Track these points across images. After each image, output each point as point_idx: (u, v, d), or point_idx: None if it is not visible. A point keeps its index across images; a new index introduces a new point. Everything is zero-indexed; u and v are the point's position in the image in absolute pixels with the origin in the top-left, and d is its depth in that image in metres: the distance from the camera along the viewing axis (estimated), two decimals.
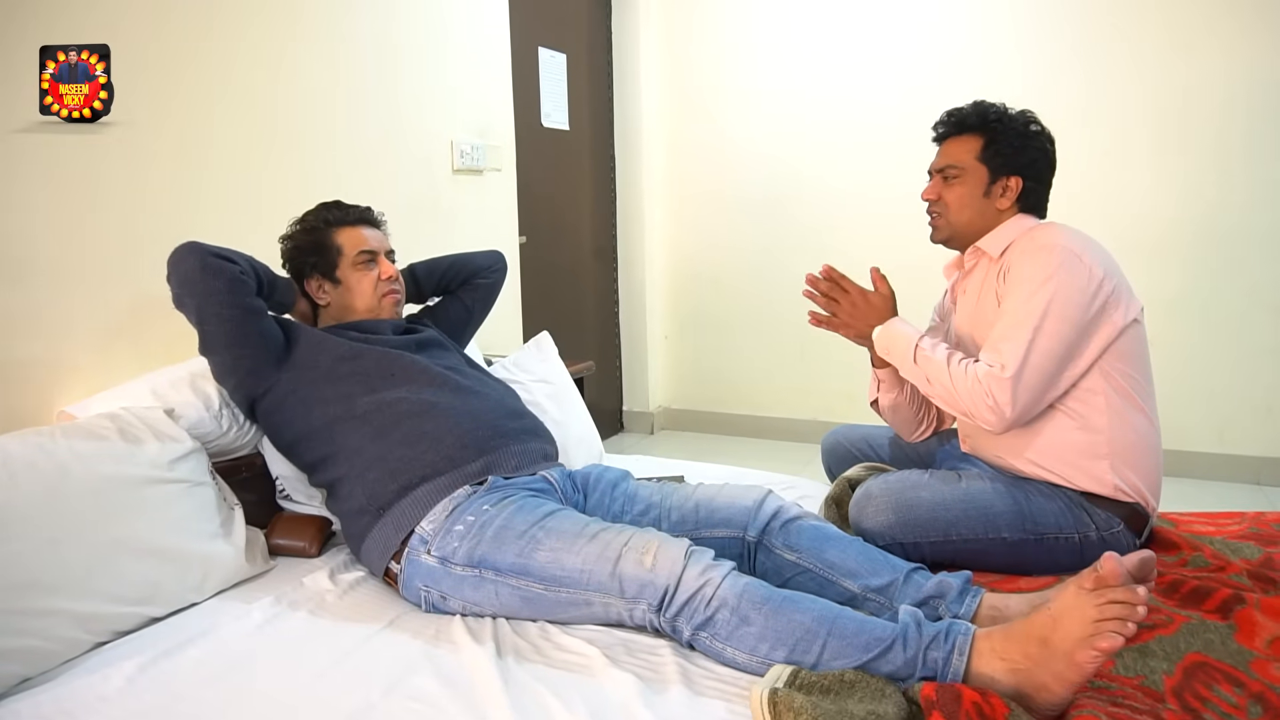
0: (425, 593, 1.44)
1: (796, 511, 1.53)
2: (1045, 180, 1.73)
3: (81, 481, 1.37)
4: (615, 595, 1.31)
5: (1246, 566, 1.50)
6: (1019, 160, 1.68)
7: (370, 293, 1.82)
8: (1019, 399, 1.52)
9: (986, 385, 1.53)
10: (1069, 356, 1.55)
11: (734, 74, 3.85)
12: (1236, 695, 1.15)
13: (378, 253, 1.84)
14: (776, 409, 3.93)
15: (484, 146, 2.83)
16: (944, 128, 1.76)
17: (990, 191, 1.69)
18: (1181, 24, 3.08)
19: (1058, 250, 1.55)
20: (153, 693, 1.20)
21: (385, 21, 2.44)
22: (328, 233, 1.82)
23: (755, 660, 1.21)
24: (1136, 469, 1.59)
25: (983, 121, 1.70)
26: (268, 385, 1.66)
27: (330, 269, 1.81)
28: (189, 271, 1.59)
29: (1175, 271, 3.16)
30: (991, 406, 1.53)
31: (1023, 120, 1.70)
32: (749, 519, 1.51)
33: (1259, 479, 3.14)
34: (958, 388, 1.56)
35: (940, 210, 1.74)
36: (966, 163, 1.70)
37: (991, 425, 1.55)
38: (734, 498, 1.56)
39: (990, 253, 1.68)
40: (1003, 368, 1.52)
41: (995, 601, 1.34)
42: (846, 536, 1.48)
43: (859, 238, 3.63)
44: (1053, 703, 1.11)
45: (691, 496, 1.59)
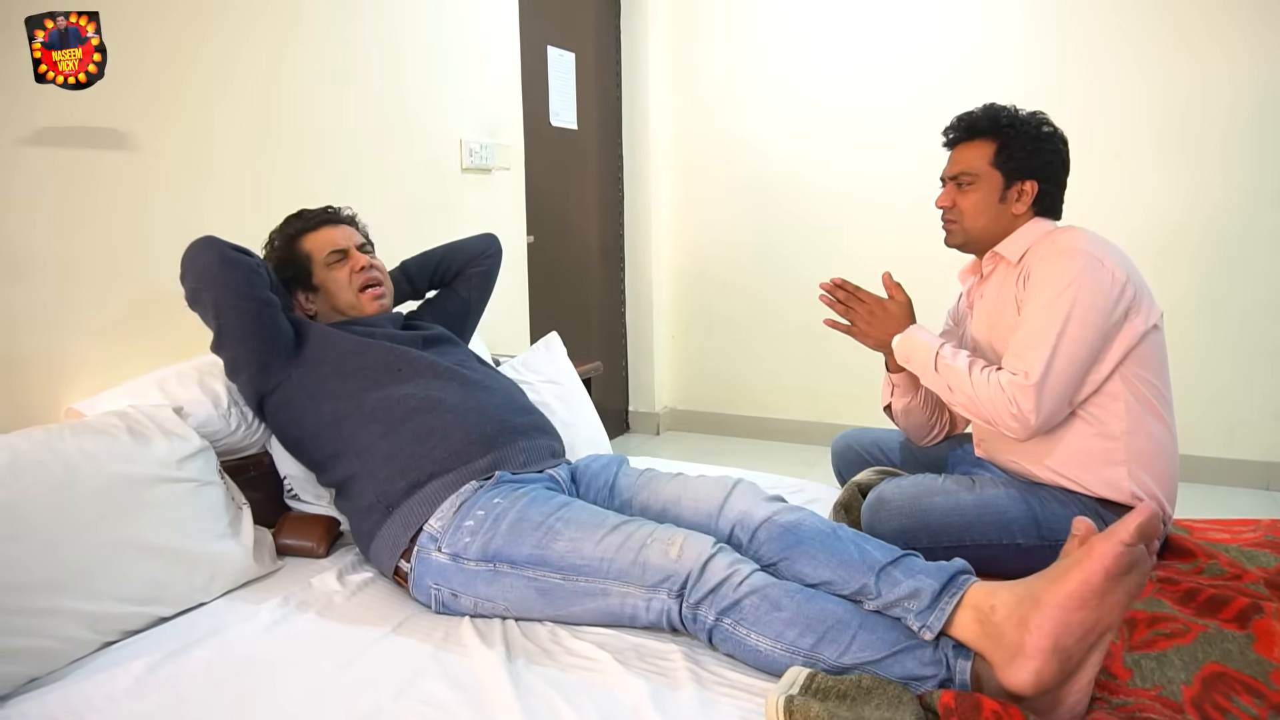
0: (436, 591, 1.43)
1: (764, 512, 1.42)
2: (1060, 182, 1.71)
3: (89, 480, 1.36)
4: (635, 583, 1.30)
5: (1263, 575, 1.49)
6: (1033, 164, 1.66)
7: (347, 286, 1.81)
8: (1043, 406, 1.50)
9: (1010, 393, 1.51)
10: (1092, 361, 1.53)
11: (742, 74, 3.83)
12: (1256, 706, 1.14)
13: (348, 248, 1.82)
14: (783, 410, 3.92)
15: (493, 145, 2.82)
16: (955, 133, 1.73)
17: (1005, 197, 1.67)
18: (1185, 26, 3.07)
19: (1079, 254, 1.54)
20: (160, 694, 1.19)
21: (394, 20, 2.43)
22: (295, 244, 1.82)
23: (779, 648, 1.20)
24: (1153, 476, 1.57)
25: (994, 126, 1.68)
26: (278, 380, 1.65)
27: (307, 278, 1.81)
28: (207, 264, 1.58)
29: (1182, 274, 3.14)
30: (1016, 414, 1.51)
31: (1035, 123, 1.68)
32: (710, 527, 1.45)
33: (1268, 484, 3.13)
34: (980, 396, 1.55)
35: (955, 217, 1.72)
36: (980, 169, 1.68)
37: (1015, 433, 1.53)
38: (699, 502, 1.50)
39: (1009, 258, 1.67)
40: (1026, 375, 1.50)
41: (979, 600, 1.20)
42: (818, 535, 1.35)
43: (867, 238, 3.62)
44: (1055, 695, 1.10)
45: (661, 494, 1.55)
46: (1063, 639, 1.09)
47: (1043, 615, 1.10)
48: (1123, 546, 1.09)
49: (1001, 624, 1.13)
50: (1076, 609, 1.09)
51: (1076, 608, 1.09)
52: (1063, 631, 1.09)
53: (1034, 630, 1.10)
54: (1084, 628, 1.09)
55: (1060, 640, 1.09)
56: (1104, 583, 1.09)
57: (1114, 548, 1.09)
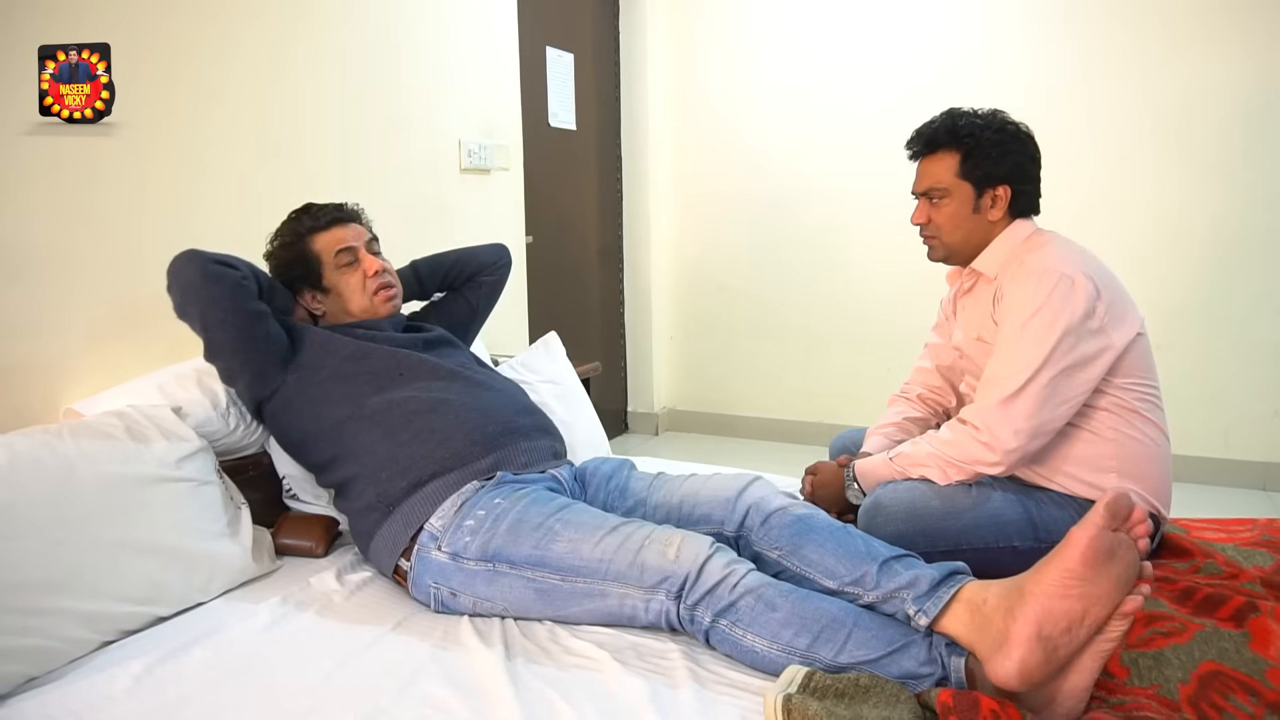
0: (435, 590, 1.43)
1: (779, 503, 1.46)
2: (1033, 178, 1.67)
3: (88, 480, 1.36)
4: (634, 584, 1.30)
5: (1259, 574, 1.49)
6: (1001, 169, 1.62)
7: (361, 292, 1.79)
8: (1013, 423, 1.49)
9: (973, 424, 1.52)
10: (1067, 383, 1.50)
11: (741, 75, 3.84)
12: (1252, 705, 1.14)
13: (357, 248, 1.80)
14: (781, 411, 3.92)
15: (491, 146, 2.82)
16: (916, 145, 1.70)
17: (979, 206, 1.64)
18: (1183, 27, 3.08)
19: (1048, 275, 1.51)
20: (159, 694, 1.19)
21: (393, 21, 2.43)
22: (304, 243, 1.78)
23: (776, 648, 1.20)
24: (1145, 480, 1.57)
25: (955, 137, 1.63)
26: (274, 387, 1.65)
27: (316, 279, 1.78)
28: (190, 280, 1.58)
29: (1179, 276, 3.15)
30: (986, 442, 1.51)
31: (996, 124, 1.63)
32: (727, 514, 1.48)
33: (1265, 484, 3.14)
34: (950, 451, 1.55)
35: (933, 232, 1.69)
36: (948, 181, 1.64)
37: (991, 460, 1.51)
38: (716, 490, 1.52)
39: (986, 274, 1.66)
40: (995, 404, 1.51)
41: (973, 595, 1.22)
42: (828, 528, 1.39)
43: (865, 240, 3.62)
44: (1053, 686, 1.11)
45: (678, 490, 1.57)
46: (1046, 627, 1.09)
47: (1026, 604, 1.11)
48: (1095, 529, 1.10)
49: (990, 615, 1.15)
50: (1059, 597, 1.10)
51: (1059, 596, 1.10)
52: (1045, 619, 1.09)
53: (1019, 619, 1.11)
54: (1069, 617, 1.09)
55: (1043, 628, 1.09)
56: (1083, 568, 1.09)
57: (1087, 531, 1.11)
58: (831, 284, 3.74)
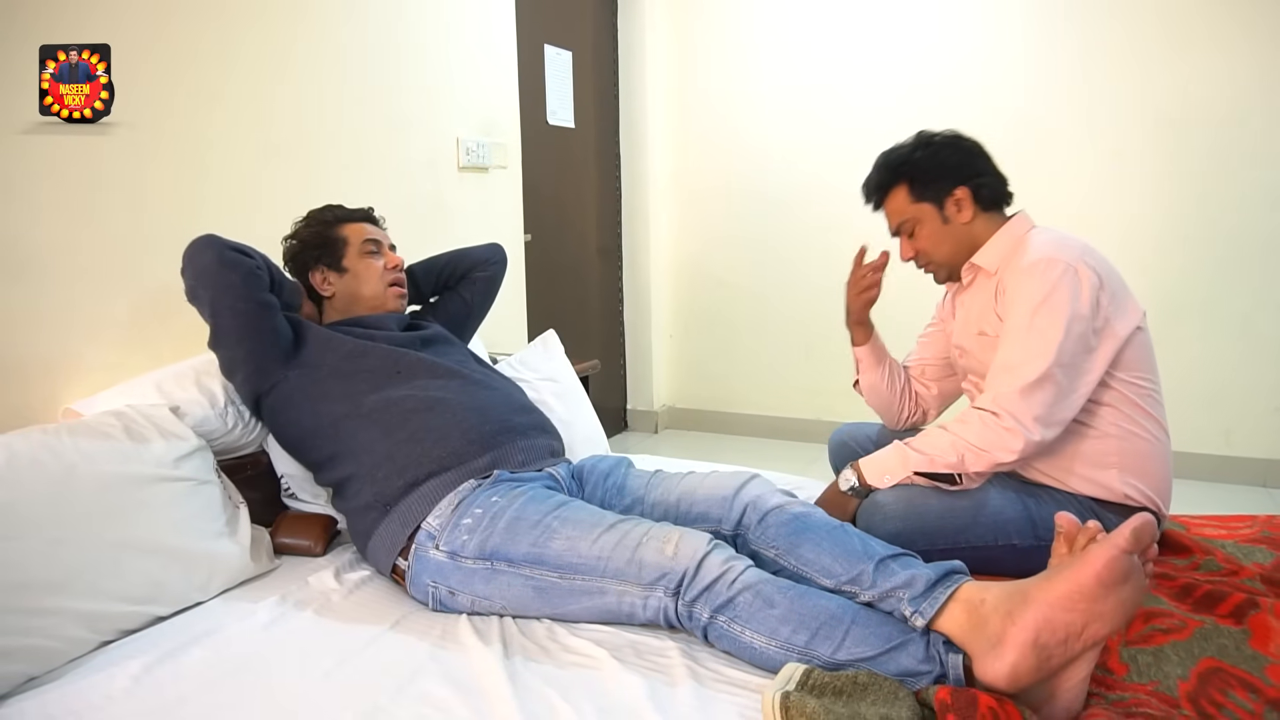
0: (433, 589, 1.43)
1: (776, 501, 1.46)
2: (984, 171, 1.68)
3: (87, 480, 1.36)
4: (632, 581, 1.30)
5: (1259, 571, 1.49)
6: (948, 177, 1.66)
7: (377, 280, 1.85)
8: (1033, 409, 1.48)
9: (995, 409, 1.50)
10: (1076, 372, 1.51)
11: (740, 73, 3.83)
12: (1252, 701, 1.14)
13: (383, 243, 1.90)
14: (782, 408, 3.92)
15: (489, 144, 2.82)
16: (869, 197, 1.76)
17: (947, 216, 1.67)
18: (1182, 26, 3.07)
19: (1055, 265, 1.51)
20: (158, 694, 1.19)
21: (391, 19, 2.43)
22: (333, 226, 1.87)
23: (774, 645, 1.20)
24: (1145, 476, 1.57)
25: (893, 172, 1.70)
26: (274, 381, 1.65)
27: (337, 259, 1.84)
28: (206, 264, 1.59)
29: (1180, 274, 3.15)
30: (1010, 428, 1.48)
31: (922, 142, 1.69)
32: (724, 512, 1.48)
33: (1266, 481, 3.13)
34: (973, 438, 1.52)
35: (924, 259, 1.73)
36: (910, 211, 1.69)
37: (1017, 445, 1.48)
38: (714, 488, 1.52)
39: (987, 269, 1.66)
40: (1014, 388, 1.49)
41: (970, 595, 1.21)
42: (825, 526, 1.38)
43: (864, 237, 3.58)
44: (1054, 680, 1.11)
45: (675, 488, 1.57)
46: (1044, 635, 1.09)
47: (1029, 610, 1.11)
48: (1118, 551, 1.09)
49: (988, 615, 1.14)
50: (1064, 610, 1.09)
51: (1065, 609, 1.09)
52: (1045, 628, 1.09)
53: (1018, 623, 1.10)
54: (1068, 630, 1.09)
55: (1041, 636, 1.09)
56: (1095, 587, 1.09)
57: (1108, 551, 1.09)
58: (831, 282, 3.71)
